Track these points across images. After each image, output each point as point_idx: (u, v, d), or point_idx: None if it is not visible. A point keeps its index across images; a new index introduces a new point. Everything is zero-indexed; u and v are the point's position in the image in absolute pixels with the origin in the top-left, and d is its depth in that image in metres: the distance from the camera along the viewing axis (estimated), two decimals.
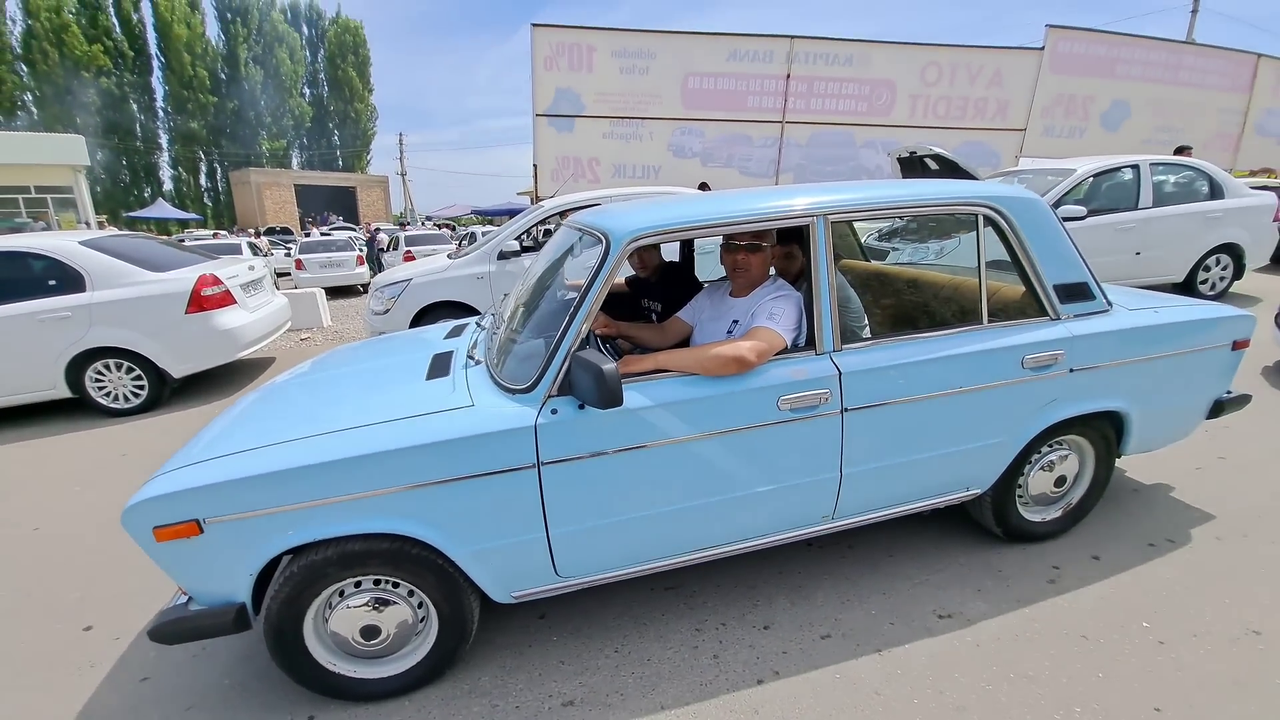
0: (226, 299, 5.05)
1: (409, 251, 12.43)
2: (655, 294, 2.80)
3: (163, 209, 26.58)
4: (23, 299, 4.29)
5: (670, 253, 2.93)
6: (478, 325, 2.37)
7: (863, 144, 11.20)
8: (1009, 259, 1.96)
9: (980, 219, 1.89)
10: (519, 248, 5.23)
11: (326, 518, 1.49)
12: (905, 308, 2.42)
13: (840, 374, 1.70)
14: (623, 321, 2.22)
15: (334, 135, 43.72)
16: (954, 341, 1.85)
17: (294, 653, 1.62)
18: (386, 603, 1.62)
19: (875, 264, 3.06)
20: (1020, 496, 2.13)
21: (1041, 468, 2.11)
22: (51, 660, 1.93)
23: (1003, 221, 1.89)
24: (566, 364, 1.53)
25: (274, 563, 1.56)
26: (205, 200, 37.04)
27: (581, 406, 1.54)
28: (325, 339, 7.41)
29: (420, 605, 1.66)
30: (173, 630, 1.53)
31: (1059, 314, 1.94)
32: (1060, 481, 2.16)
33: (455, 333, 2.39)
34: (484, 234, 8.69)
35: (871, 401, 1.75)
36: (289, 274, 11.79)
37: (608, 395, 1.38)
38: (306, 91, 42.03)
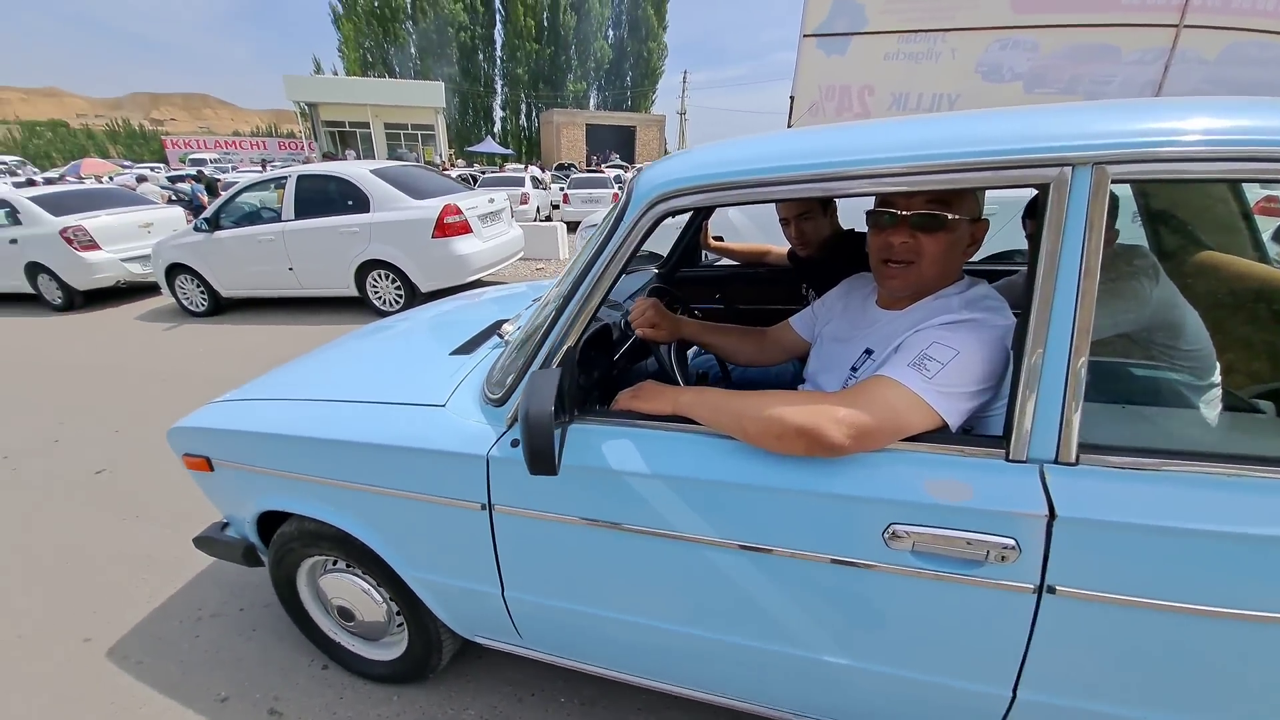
0: (464, 228, 5.83)
1: (566, 195, 13.20)
2: (821, 278, 2.02)
3: (489, 145, 33.15)
4: (333, 214, 5.65)
5: (852, 217, 2.06)
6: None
7: None
8: None
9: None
10: None
11: (283, 490, 1.40)
12: None
13: (1053, 513, 0.83)
14: (705, 321, 1.53)
15: (627, 76, 47.63)
16: None
17: (296, 611, 1.67)
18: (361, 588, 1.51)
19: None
20: None
21: None
22: None
23: None
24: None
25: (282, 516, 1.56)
26: (522, 138, 44.94)
27: None
28: (557, 270, 8.17)
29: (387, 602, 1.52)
30: (204, 544, 1.71)
31: None
32: None
33: None
34: None
35: (1121, 593, 0.83)
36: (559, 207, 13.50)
37: (528, 452, 0.89)
38: (610, 33, 46.38)
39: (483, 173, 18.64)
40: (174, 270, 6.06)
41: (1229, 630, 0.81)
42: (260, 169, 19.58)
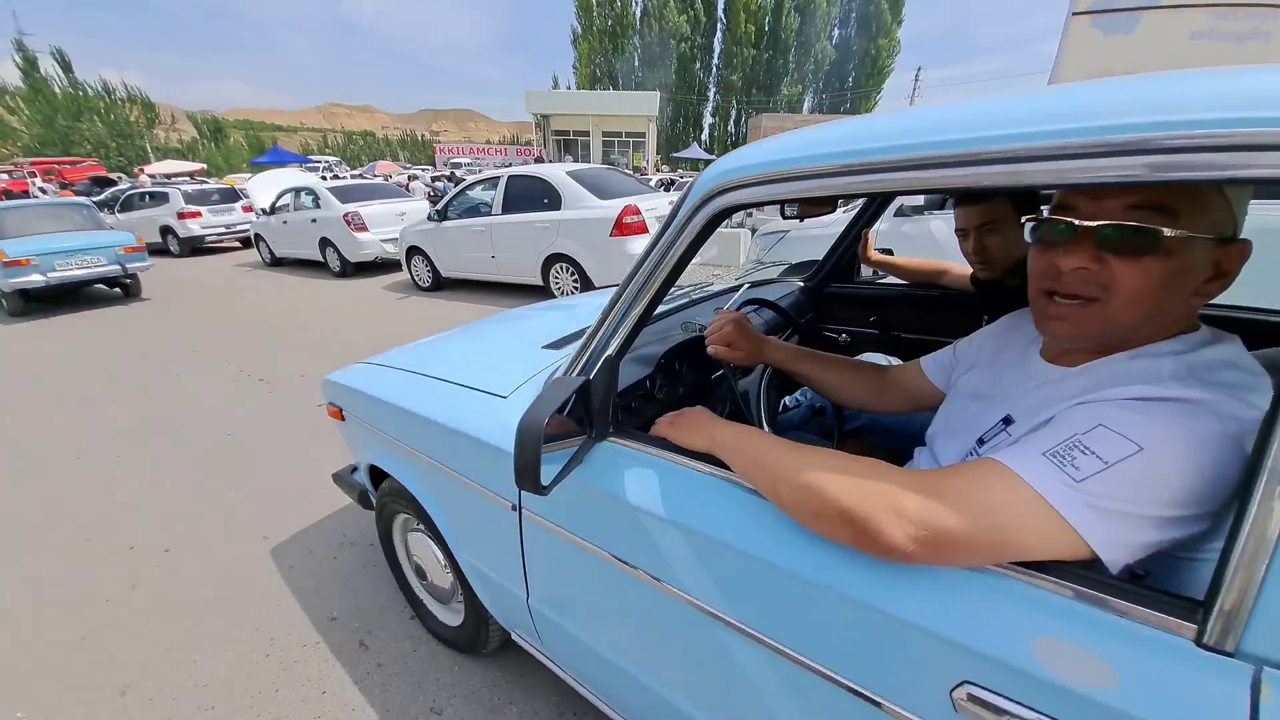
0: (641, 228, 6.05)
1: None
2: (1005, 308, 1.58)
3: (695, 151, 34.14)
4: (531, 211, 6.31)
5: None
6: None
7: None
8: None
9: None
10: (921, 204, 4.15)
11: (383, 449, 1.54)
12: None
13: None
14: (803, 347, 1.23)
15: (849, 76, 45.03)
16: None
17: (391, 559, 1.86)
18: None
19: None
20: None
21: None
22: None
23: None
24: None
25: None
26: (728, 144, 45.44)
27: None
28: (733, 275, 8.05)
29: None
30: (337, 480, 1.99)
31: None
32: None
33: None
34: None
35: None
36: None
37: (515, 462, 0.80)
38: (835, 33, 44.29)
39: (683, 177, 19.29)
40: (411, 252, 7.38)
41: None
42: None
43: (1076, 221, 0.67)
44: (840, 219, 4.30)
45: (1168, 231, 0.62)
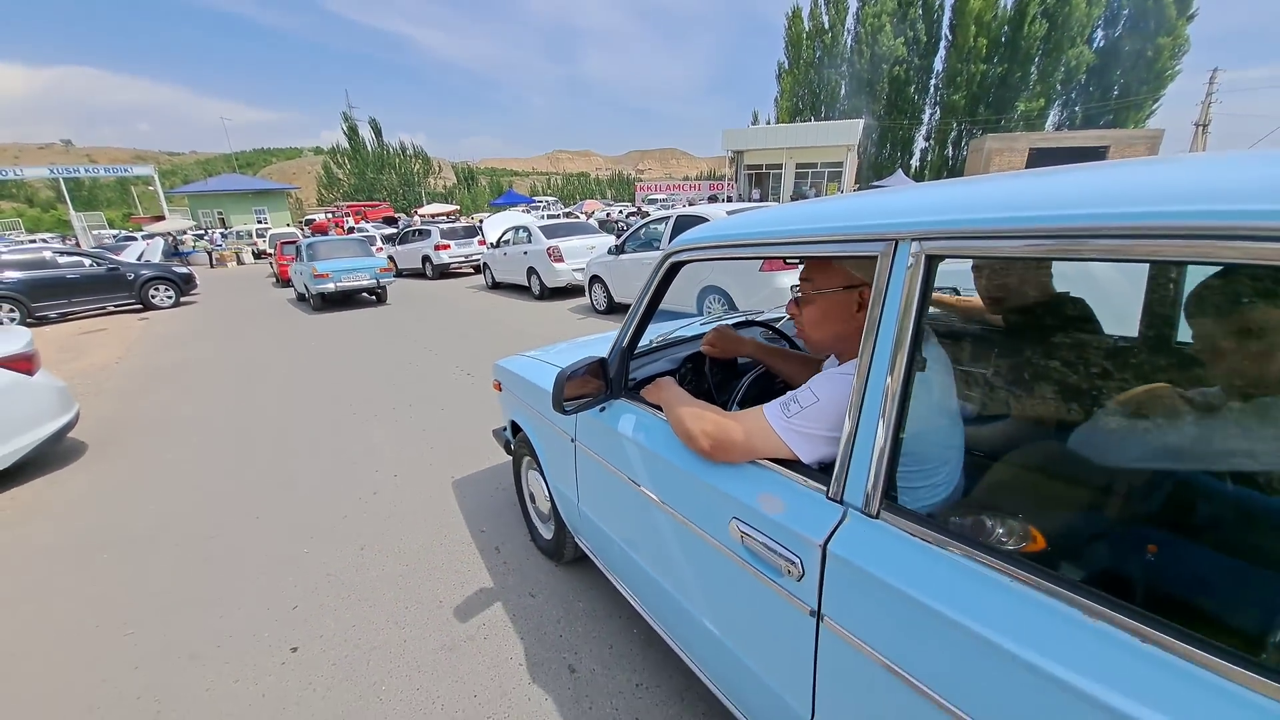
0: (788, 265, 6.46)
1: None
2: (1010, 344, 1.84)
3: (898, 179, 32.29)
4: None
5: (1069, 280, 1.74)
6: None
7: None
8: None
9: None
10: None
11: (518, 409, 2.39)
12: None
13: (825, 551, 0.94)
14: (772, 345, 1.79)
15: (1116, 83, 38.29)
16: None
17: (519, 490, 2.70)
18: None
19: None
20: None
21: None
22: None
23: None
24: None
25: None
26: (943, 169, 41.83)
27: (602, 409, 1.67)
28: None
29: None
30: (494, 434, 2.92)
31: None
32: None
33: None
34: None
35: (873, 647, 0.88)
36: None
37: (554, 396, 1.51)
38: (1099, 33, 38.17)
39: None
40: (593, 280, 8.75)
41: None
42: (687, 205, 24.66)
43: (797, 284, 1.25)
44: None
45: (812, 290, 1.19)
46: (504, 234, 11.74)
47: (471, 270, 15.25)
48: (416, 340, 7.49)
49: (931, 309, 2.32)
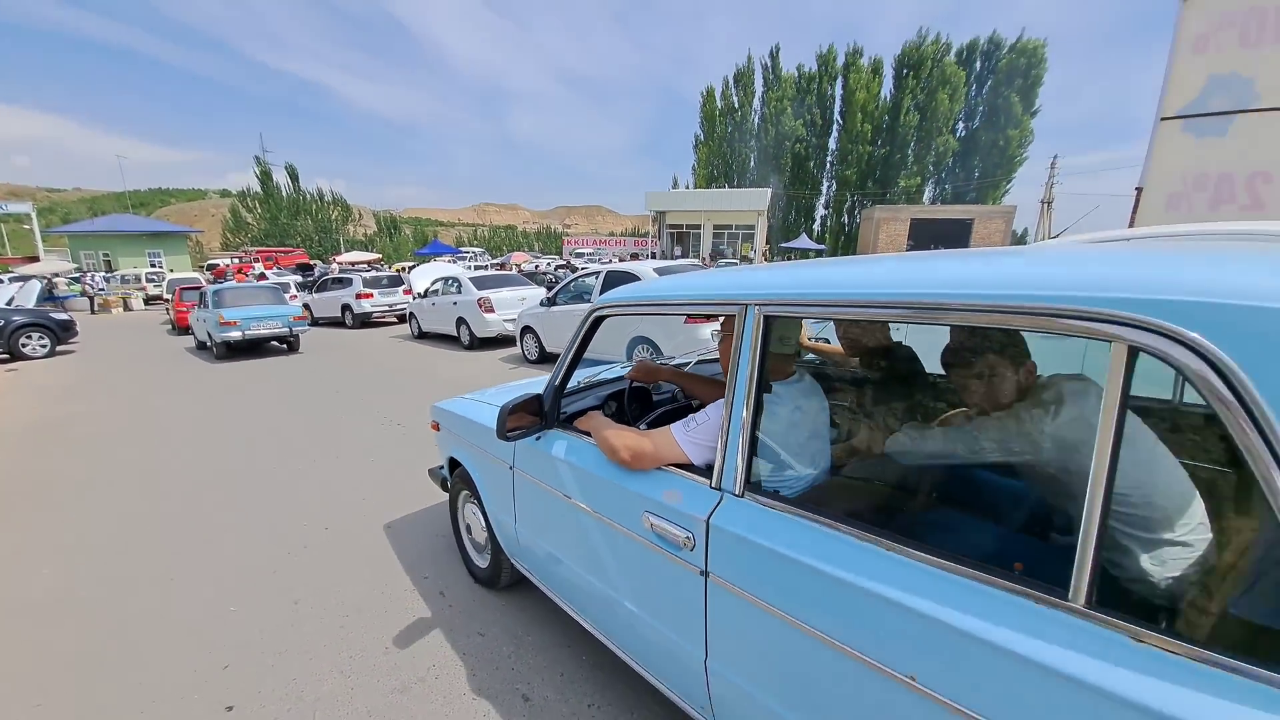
0: (709, 320, 6.98)
1: None
2: (863, 386, 2.26)
3: (804, 242, 35.19)
4: None
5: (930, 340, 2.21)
6: None
7: None
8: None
9: (1123, 356, 0.81)
10: None
11: (457, 446, 2.55)
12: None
13: (709, 524, 1.30)
14: (688, 374, 2.23)
15: (977, 166, 44.39)
16: (964, 596, 0.93)
17: (455, 523, 2.81)
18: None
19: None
20: None
21: None
22: None
23: (1213, 375, 0.73)
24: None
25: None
26: (840, 234, 46.06)
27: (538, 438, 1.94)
28: None
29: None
30: (431, 474, 3.01)
31: None
32: None
33: None
34: None
35: (740, 585, 1.25)
36: None
37: (498, 426, 1.77)
38: (960, 127, 44.39)
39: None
40: (525, 331, 8.89)
41: (803, 639, 1.12)
42: (616, 260, 25.52)
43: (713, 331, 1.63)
44: None
45: (724, 332, 1.54)
46: (432, 284, 11.66)
47: (395, 320, 14.87)
48: (341, 390, 7.23)
49: (809, 355, 2.80)
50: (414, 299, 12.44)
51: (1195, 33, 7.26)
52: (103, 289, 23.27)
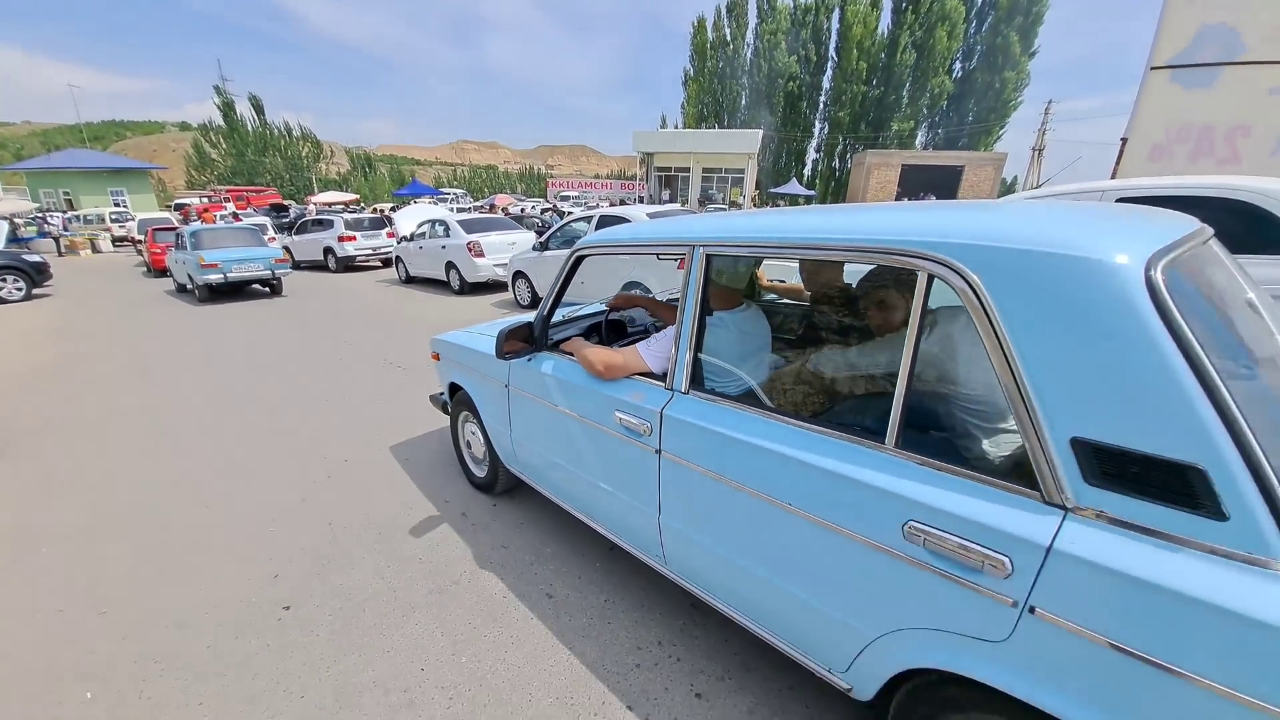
0: None
1: None
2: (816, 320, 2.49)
3: (793, 187, 34.75)
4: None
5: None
6: None
7: None
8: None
9: (924, 280, 1.22)
10: None
11: (457, 371, 2.87)
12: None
13: (661, 414, 1.73)
14: (659, 301, 2.69)
15: (971, 110, 43.56)
16: (815, 444, 1.41)
17: (456, 442, 3.17)
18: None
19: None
20: None
21: None
22: None
23: (971, 293, 1.13)
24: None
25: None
26: (831, 179, 45.44)
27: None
28: None
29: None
30: (432, 400, 3.36)
31: (1066, 497, 1.04)
32: None
33: None
34: None
35: (682, 457, 1.69)
36: None
37: (496, 347, 2.15)
38: (957, 67, 43.19)
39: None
40: (517, 276, 8.93)
41: (722, 487, 1.57)
42: (608, 204, 25.09)
43: None
44: None
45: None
46: (419, 227, 11.49)
47: (380, 264, 14.67)
48: (335, 335, 7.31)
49: (771, 295, 3.14)
50: (399, 242, 12.28)
51: None
52: (64, 230, 22.37)
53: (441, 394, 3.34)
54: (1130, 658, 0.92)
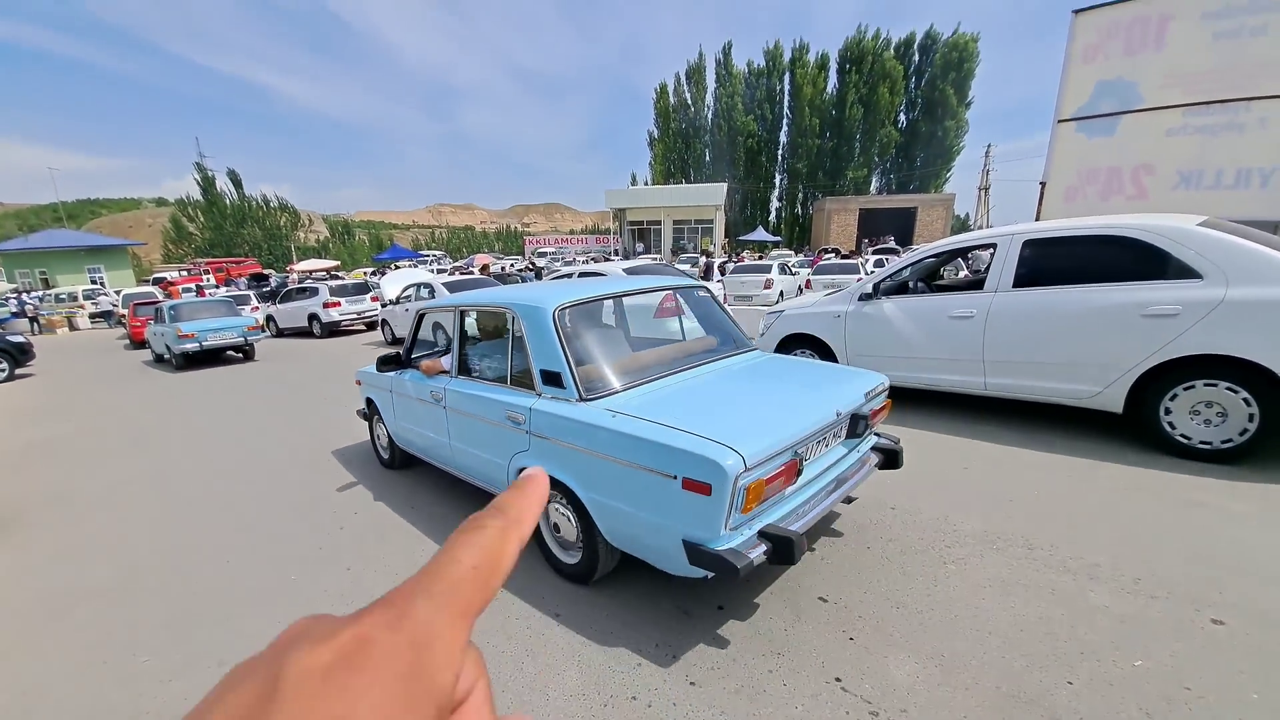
0: (677, 310, 7.63)
1: (809, 280, 14.39)
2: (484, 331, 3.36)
3: (760, 234, 36.37)
4: None
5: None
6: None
7: None
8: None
9: (510, 318, 2.96)
10: (871, 290, 5.27)
11: (371, 391, 3.16)
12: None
13: (446, 388, 3.28)
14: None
15: (918, 156, 46.51)
16: (488, 389, 3.08)
17: (372, 436, 3.41)
18: None
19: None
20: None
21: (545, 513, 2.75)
22: None
23: (517, 322, 2.88)
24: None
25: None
26: (795, 225, 47.57)
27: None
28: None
29: None
30: (359, 413, 4.36)
31: (539, 391, 2.75)
32: (557, 528, 2.83)
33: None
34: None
35: (451, 406, 3.25)
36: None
37: (376, 368, 3.28)
38: (902, 119, 46.38)
39: (740, 259, 21.10)
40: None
41: (474, 422, 2.17)
42: (585, 260, 25.87)
43: None
44: (809, 302, 5.63)
45: None
46: (404, 290, 11.91)
47: (364, 328, 14.96)
48: (324, 395, 7.52)
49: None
50: (382, 306, 12.63)
51: (1085, 44, 8.29)
52: (40, 309, 22.26)
53: (363, 408, 4.62)
54: (552, 443, 2.60)
